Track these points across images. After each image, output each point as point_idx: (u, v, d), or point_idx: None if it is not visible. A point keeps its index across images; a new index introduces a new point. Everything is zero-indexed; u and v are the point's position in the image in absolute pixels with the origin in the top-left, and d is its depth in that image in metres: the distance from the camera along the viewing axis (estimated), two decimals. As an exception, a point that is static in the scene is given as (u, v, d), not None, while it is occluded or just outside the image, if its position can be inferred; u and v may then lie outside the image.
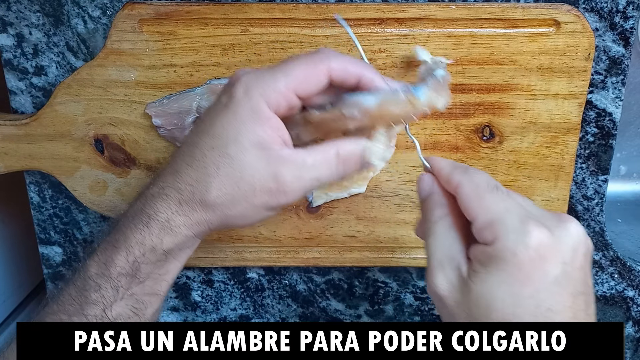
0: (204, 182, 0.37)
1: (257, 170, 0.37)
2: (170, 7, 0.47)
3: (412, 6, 0.47)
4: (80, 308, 0.38)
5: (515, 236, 0.33)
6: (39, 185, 0.54)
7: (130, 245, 0.38)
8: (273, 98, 0.36)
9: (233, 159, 0.37)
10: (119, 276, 0.38)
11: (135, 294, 0.39)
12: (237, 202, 0.38)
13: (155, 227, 0.38)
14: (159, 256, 0.39)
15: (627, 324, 0.58)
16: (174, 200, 0.38)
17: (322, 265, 0.56)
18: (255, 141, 0.37)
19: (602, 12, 0.48)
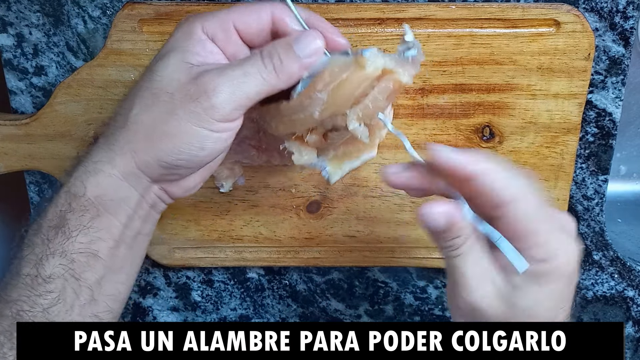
0: (127, 104, 0.36)
1: (178, 79, 0.35)
2: (170, 7, 0.47)
3: (412, 6, 0.47)
4: (17, 269, 0.36)
5: (566, 256, 0.35)
6: (39, 185, 0.54)
7: (59, 195, 0.36)
8: (208, 24, 0.36)
9: (154, 72, 0.36)
10: (47, 229, 0.36)
11: (67, 251, 0.36)
12: (158, 115, 0.35)
13: (80, 171, 0.36)
14: (85, 205, 0.36)
15: (627, 324, 0.58)
16: (103, 138, 0.37)
17: (322, 265, 0.56)
18: (183, 58, 0.35)
19: (602, 12, 0.48)
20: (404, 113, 0.49)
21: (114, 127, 0.37)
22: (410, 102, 0.49)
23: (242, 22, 0.36)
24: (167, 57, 0.36)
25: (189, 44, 0.36)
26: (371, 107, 0.37)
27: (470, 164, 0.34)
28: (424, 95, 0.49)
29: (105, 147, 0.36)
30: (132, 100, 0.36)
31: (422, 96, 0.49)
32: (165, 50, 0.36)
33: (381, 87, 0.37)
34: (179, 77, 0.35)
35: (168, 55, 0.36)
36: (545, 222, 0.35)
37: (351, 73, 0.35)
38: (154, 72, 0.36)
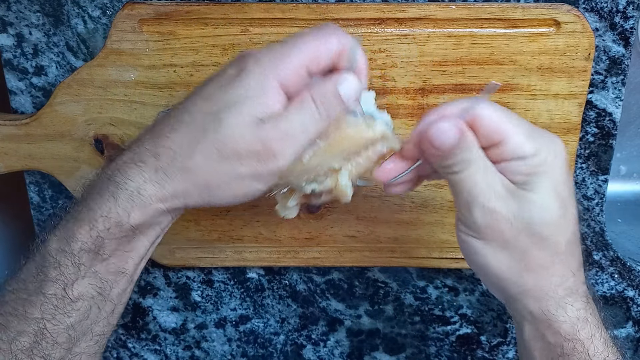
0: (187, 147, 0.35)
1: (244, 136, 0.34)
2: (170, 7, 0.47)
3: (412, 6, 0.47)
4: (40, 287, 0.35)
5: (551, 147, 0.37)
6: (39, 185, 0.54)
7: (94, 219, 0.35)
8: (284, 73, 0.35)
9: (222, 122, 0.34)
10: (80, 252, 0.35)
11: (99, 272, 0.36)
12: (221, 171, 0.35)
13: (124, 199, 0.35)
14: (126, 232, 0.36)
15: (627, 324, 0.58)
16: (150, 166, 0.35)
17: (322, 265, 0.56)
18: (254, 111, 0.35)
19: (602, 12, 0.48)
20: (404, 113, 0.49)
21: (169, 166, 0.35)
22: (410, 102, 0.49)
23: (316, 65, 0.36)
24: (238, 110, 0.35)
25: (263, 100, 0.35)
26: (362, 166, 0.39)
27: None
28: (424, 95, 0.49)
29: (155, 181, 0.35)
30: (192, 145, 0.35)
31: (422, 96, 0.49)
32: (235, 99, 0.35)
33: (376, 150, 0.39)
34: (248, 136, 0.34)
35: (239, 107, 0.35)
36: (521, 122, 0.37)
37: (357, 131, 0.37)
38: (222, 123, 0.35)
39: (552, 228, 0.38)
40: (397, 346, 0.61)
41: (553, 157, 0.37)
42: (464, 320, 0.59)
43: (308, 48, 0.35)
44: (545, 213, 0.37)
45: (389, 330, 0.60)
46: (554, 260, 0.38)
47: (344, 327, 0.60)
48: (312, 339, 0.61)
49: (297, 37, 0.36)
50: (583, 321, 0.39)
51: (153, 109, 0.49)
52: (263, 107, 0.35)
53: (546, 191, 0.37)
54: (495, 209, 0.37)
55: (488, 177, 0.37)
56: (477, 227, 0.37)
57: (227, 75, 0.36)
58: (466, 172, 0.37)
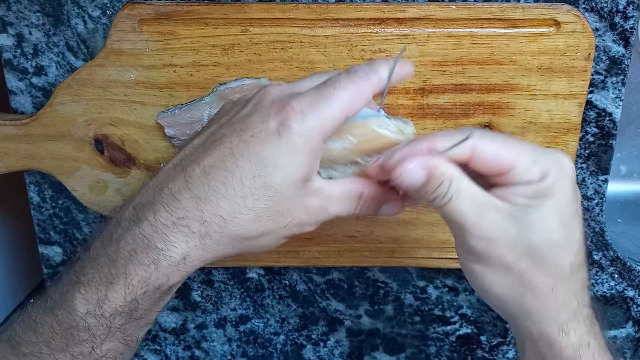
0: (239, 215, 0.34)
1: (295, 204, 0.35)
2: (170, 7, 0.47)
3: (412, 6, 0.47)
4: (66, 345, 0.35)
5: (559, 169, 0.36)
6: (39, 185, 0.54)
7: (132, 284, 0.34)
8: (328, 127, 0.35)
9: (277, 191, 0.34)
10: (112, 315, 0.34)
11: (129, 329, 0.35)
12: (267, 235, 0.36)
13: (166, 265, 0.33)
14: (162, 293, 0.35)
15: (627, 324, 0.58)
16: (196, 234, 0.34)
17: (322, 265, 0.56)
18: (303, 175, 0.35)
19: (602, 12, 0.48)
20: (404, 113, 0.49)
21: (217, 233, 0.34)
22: (410, 102, 0.49)
23: (352, 113, 0.36)
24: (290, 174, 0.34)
25: (309, 160, 0.35)
26: None
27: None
28: (424, 95, 0.49)
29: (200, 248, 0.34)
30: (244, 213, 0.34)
31: (422, 96, 0.49)
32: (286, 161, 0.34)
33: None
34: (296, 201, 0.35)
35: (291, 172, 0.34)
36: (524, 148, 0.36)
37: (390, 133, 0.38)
38: (276, 191, 0.34)
39: (554, 251, 0.36)
40: (397, 346, 0.61)
41: (560, 179, 0.36)
42: (464, 320, 0.59)
43: (344, 98, 0.35)
44: (547, 236, 0.36)
45: (389, 330, 0.60)
46: (557, 284, 0.37)
47: (344, 327, 0.60)
48: (312, 339, 0.61)
49: (333, 87, 0.35)
50: (585, 346, 0.38)
51: (153, 109, 0.49)
52: (311, 168, 0.35)
53: (549, 213, 0.36)
54: (491, 237, 0.36)
55: (477, 206, 0.36)
56: (476, 253, 0.37)
57: (270, 131, 0.34)
58: (451, 204, 0.36)
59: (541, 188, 0.35)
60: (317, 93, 0.35)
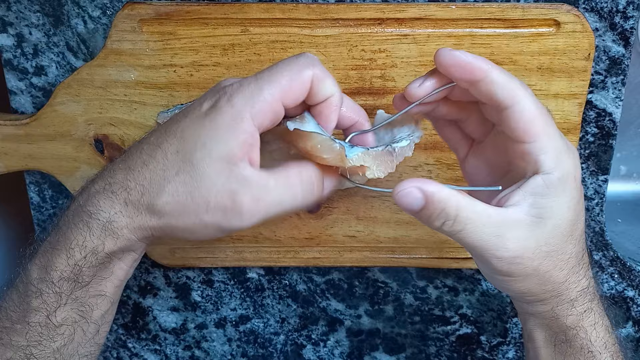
0: (157, 185, 0.35)
1: (215, 184, 0.34)
2: (170, 7, 0.47)
3: (412, 6, 0.47)
4: (23, 315, 0.36)
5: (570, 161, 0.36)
6: (39, 185, 0.54)
7: (71, 248, 0.36)
8: (258, 108, 0.34)
9: (195, 166, 0.34)
10: (60, 281, 0.36)
11: (79, 297, 0.37)
12: (186, 214, 0.35)
13: (97, 228, 0.36)
14: (102, 259, 0.37)
15: (627, 324, 0.58)
16: (120, 199, 0.36)
17: (322, 265, 0.56)
18: (224, 154, 0.34)
19: (602, 12, 0.48)
20: (404, 113, 0.49)
21: (137, 202, 0.36)
22: (410, 102, 0.49)
23: (289, 98, 0.35)
24: (209, 150, 0.34)
25: (233, 139, 0.34)
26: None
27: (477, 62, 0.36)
28: (424, 95, 0.49)
29: (125, 214, 0.36)
30: (162, 185, 0.35)
31: (422, 96, 0.49)
32: (206, 140, 0.35)
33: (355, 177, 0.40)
34: (217, 181, 0.34)
35: (210, 148, 0.34)
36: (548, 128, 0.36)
37: (332, 158, 0.37)
38: (194, 166, 0.35)
39: (566, 246, 0.37)
40: (397, 346, 0.61)
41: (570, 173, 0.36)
42: (464, 320, 0.59)
43: (281, 83, 0.35)
44: (561, 233, 0.37)
45: (389, 330, 0.60)
46: (569, 273, 0.38)
47: (344, 327, 0.60)
48: (312, 339, 0.61)
49: (271, 71, 0.36)
50: (588, 311, 0.40)
51: (153, 109, 0.49)
52: (234, 149, 0.34)
53: (562, 211, 0.36)
54: (515, 255, 0.36)
55: (495, 228, 0.36)
56: (499, 271, 0.37)
57: (202, 111, 0.36)
58: (465, 233, 0.36)
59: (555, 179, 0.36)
60: (254, 77, 0.36)
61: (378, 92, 0.49)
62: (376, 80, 0.48)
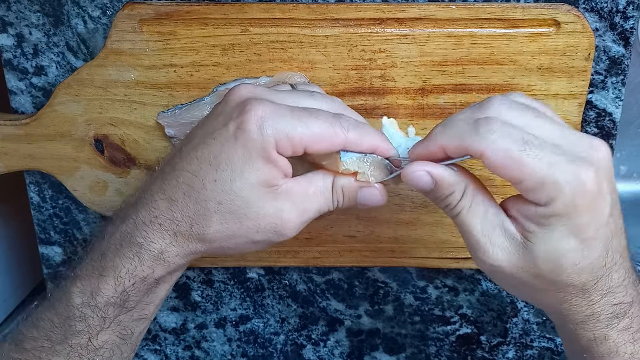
0: (204, 217, 0.36)
1: (261, 208, 0.36)
2: (170, 7, 0.47)
3: (412, 6, 0.47)
4: (64, 337, 0.37)
5: (572, 191, 0.32)
6: (39, 185, 0.54)
7: (120, 276, 0.36)
8: (283, 144, 0.35)
9: (238, 195, 0.35)
10: (106, 306, 0.37)
11: (123, 321, 0.38)
12: (237, 238, 0.37)
13: (148, 258, 0.36)
14: (150, 285, 0.37)
15: (627, 324, 0.58)
16: (169, 231, 0.36)
17: (322, 265, 0.56)
18: (262, 180, 0.35)
19: (602, 12, 0.48)
20: (404, 113, 0.49)
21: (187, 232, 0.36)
22: (410, 102, 0.49)
23: (313, 149, 0.36)
24: (247, 179, 0.35)
25: (266, 167, 0.35)
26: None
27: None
28: (424, 95, 0.49)
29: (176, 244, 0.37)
30: (209, 215, 0.36)
31: (422, 96, 0.49)
32: (242, 166, 0.35)
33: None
34: (264, 205, 0.36)
35: (248, 176, 0.35)
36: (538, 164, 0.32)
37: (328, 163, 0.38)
38: (237, 195, 0.35)
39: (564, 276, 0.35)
40: (397, 346, 0.61)
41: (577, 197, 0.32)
42: (464, 320, 0.59)
43: (313, 129, 0.35)
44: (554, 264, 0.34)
45: (389, 330, 0.60)
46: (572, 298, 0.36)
47: (344, 327, 0.60)
48: (312, 339, 0.61)
49: (310, 113, 0.35)
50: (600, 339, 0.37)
51: (153, 109, 0.49)
52: (270, 175, 0.35)
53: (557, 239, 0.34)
54: (495, 263, 0.35)
55: (488, 225, 0.35)
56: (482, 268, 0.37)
57: (229, 134, 0.35)
58: (461, 217, 0.36)
59: (547, 213, 0.33)
60: (289, 109, 0.35)
61: (378, 92, 0.49)
62: (376, 80, 0.48)
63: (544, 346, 0.59)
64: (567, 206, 0.33)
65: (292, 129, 0.35)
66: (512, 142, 0.33)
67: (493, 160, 0.33)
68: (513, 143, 0.32)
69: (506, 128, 0.33)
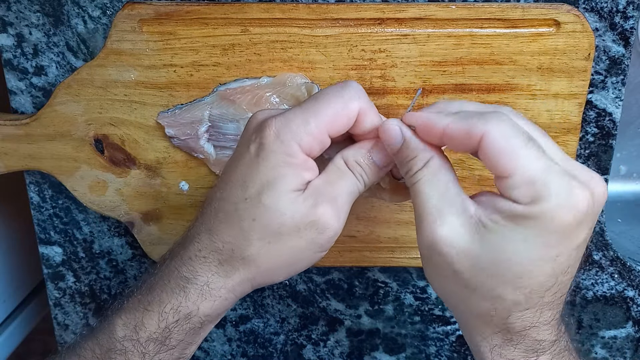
0: (242, 238, 0.36)
1: (296, 211, 0.35)
2: (170, 7, 0.47)
3: (412, 6, 0.47)
4: None
5: (560, 201, 0.31)
6: (39, 185, 0.54)
7: (164, 311, 0.36)
8: (306, 141, 0.35)
9: (269, 207, 0.35)
10: (147, 342, 0.36)
11: (162, 359, 0.37)
12: (281, 251, 0.36)
13: (194, 293, 0.36)
14: (194, 324, 0.37)
15: (627, 324, 0.58)
16: (214, 261, 0.36)
17: (322, 265, 0.56)
18: (289, 187, 0.35)
19: (602, 12, 0.48)
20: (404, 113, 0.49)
21: (231, 258, 0.36)
22: (410, 102, 0.49)
23: (334, 129, 0.36)
24: (275, 188, 0.35)
25: (292, 173, 0.35)
26: None
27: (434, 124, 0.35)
28: (424, 95, 0.49)
29: (221, 274, 0.37)
30: (247, 235, 0.36)
31: (422, 96, 0.49)
32: (267, 180, 0.35)
33: None
34: (297, 207, 0.35)
35: (274, 186, 0.35)
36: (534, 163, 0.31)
37: None
38: (267, 208, 0.35)
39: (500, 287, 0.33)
40: (397, 346, 0.61)
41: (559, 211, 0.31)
42: (464, 320, 0.59)
43: (327, 114, 0.35)
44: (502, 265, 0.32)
45: (389, 330, 0.60)
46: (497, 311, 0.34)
47: (344, 327, 0.60)
48: (312, 339, 0.61)
49: (317, 101, 0.36)
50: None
51: (153, 109, 0.49)
52: (297, 179, 0.35)
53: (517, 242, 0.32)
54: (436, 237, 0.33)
55: (443, 200, 0.33)
56: (419, 246, 0.35)
57: (251, 155, 0.36)
58: (418, 186, 0.35)
59: (523, 212, 0.31)
60: (300, 108, 0.36)
61: (378, 92, 0.49)
62: (376, 80, 0.48)
63: (544, 346, 0.60)
64: (546, 213, 0.31)
65: (305, 124, 0.35)
66: (517, 133, 0.32)
67: (492, 143, 0.31)
68: (517, 135, 0.32)
69: (514, 122, 0.33)
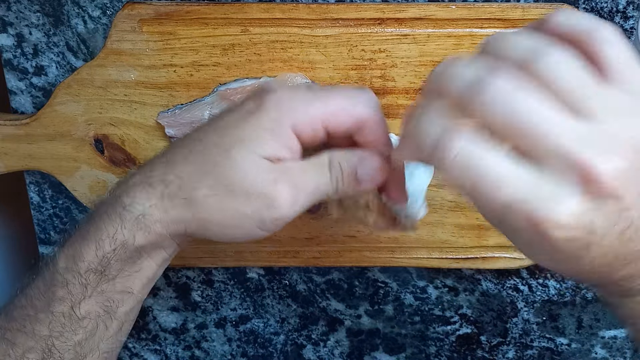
0: (196, 177, 0.35)
1: (257, 175, 0.34)
2: (170, 7, 0.47)
3: (412, 6, 0.47)
4: (47, 304, 0.36)
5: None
6: (39, 185, 0.54)
7: (101, 239, 0.36)
8: (300, 120, 0.34)
9: (234, 161, 0.34)
10: (87, 272, 0.36)
11: (105, 291, 0.37)
12: (225, 208, 0.35)
13: (129, 221, 0.35)
14: (131, 253, 0.36)
15: (627, 324, 0.58)
16: (157, 192, 0.35)
17: (322, 265, 0.56)
18: (264, 153, 0.34)
19: (602, 12, 0.48)
20: (404, 113, 0.49)
21: (175, 194, 0.35)
22: (410, 102, 0.49)
23: (332, 124, 0.35)
24: (247, 147, 0.34)
25: (273, 141, 0.34)
26: None
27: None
28: (424, 95, 0.49)
29: (160, 207, 0.36)
30: (200, 177, 0.35)
31: (422, 96, 0.49)
32: (247, 136, 0.35)
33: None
34: (260, 177, 0.34)
35: (249, 145, 0.34)
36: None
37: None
38: (232, 159, 0.34)
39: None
40: (397, 346, 0.61)
41: None
42: (464, 320, 0.59)
43: (331, 103, 0.35)
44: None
45: (389, 330, 0.60)
46: None
47: (344, 327, 0.60)
48: (312, 339, 0.61)
49: (327, 91, 0.36)
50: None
51: (153, 109, 0.49)
52: (273, 149, 0.34)
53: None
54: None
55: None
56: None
57: (245, 110, 0.35)
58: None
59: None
60: (311, 90, 0.36)
61: (378, 92, 0.49)
62: (376, 80, 0.48)
63: (544, 346, 0.60)
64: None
65: (307, 105, 0.35)
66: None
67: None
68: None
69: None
